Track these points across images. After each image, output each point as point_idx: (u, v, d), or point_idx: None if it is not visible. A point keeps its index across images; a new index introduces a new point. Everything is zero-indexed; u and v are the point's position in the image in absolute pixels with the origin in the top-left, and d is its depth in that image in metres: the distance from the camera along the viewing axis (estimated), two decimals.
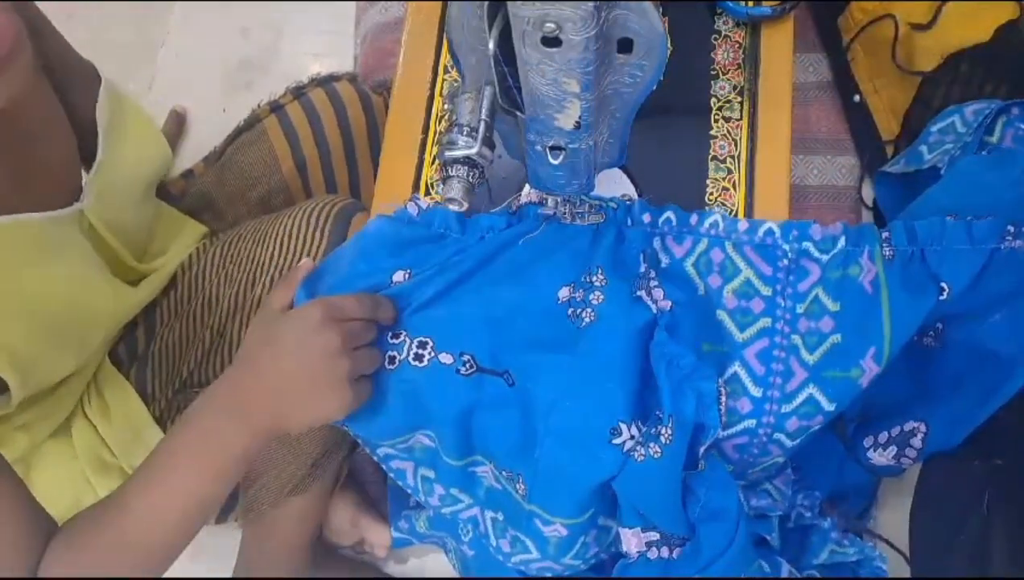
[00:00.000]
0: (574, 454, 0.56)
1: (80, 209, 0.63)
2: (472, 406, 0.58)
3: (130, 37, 1.26)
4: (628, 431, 0.56)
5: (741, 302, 0.61)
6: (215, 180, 0.86)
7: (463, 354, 0.59)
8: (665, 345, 0.57)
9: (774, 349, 0.60)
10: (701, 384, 0.57)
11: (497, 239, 0.62)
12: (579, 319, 0.60)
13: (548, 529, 0.58)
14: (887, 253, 0.59)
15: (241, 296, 0.73)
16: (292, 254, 0.71)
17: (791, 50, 0.68)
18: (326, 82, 0.87)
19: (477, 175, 0.52)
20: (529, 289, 0.61)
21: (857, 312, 0.59)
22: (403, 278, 0.61)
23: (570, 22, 0.39)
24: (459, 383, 0.58)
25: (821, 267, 0.60)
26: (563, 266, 0.61)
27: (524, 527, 0.59)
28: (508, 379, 0.59)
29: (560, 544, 0.59)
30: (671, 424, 0.55)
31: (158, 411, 0.72)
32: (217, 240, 0.78)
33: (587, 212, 0.63)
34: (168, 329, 0.75)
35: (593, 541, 0.60)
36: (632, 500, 0.57)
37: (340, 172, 0.88)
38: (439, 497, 0.65)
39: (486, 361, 0.59)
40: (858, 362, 0.58)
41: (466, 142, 0.49)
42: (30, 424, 0.66)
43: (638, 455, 0.55)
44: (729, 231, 0.62)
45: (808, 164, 0.95)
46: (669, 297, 0.60)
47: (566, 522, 0.58)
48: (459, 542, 0.71)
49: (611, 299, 0.59)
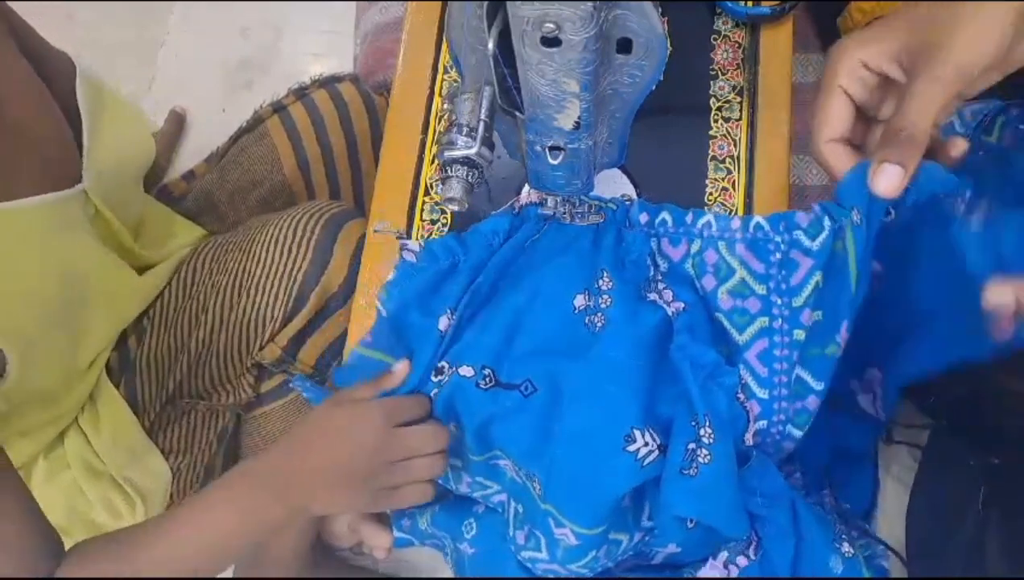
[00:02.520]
0: (587, 460, 0.56)
1: (83, 190, 0.63)
2: (491, 417, 0.59)
3: (130, 37, 1.26)
4: (642, 438, 0.56)
5: (737, 302, 0.61)
6: (217, 180, 0.86)
7: (484, 367, 0.60)
8: (687, 346, 0.58)
9: (775, 349, 0.60)
10: (724, 379, 0.58)
11: (507, 251, 0.62)
12: (593, 325, 0.60)
13: (559, 531, 0.58)
14: (856, 218, 0.55)
15: (227, 307, 0.72)
16: (274, 264, 0.71)
17: (790, 50, 0.68)
18: (328, 83, 0.87)
19: (477, 175, 0.52)
20: (545, 299, 0.61)
21: (834, 288, 0.58)
22: (448, 322, 0.61)
23: (569, 22, 0.39)
24: (478, 396, 0.59)
25: (813, 256, 0.60)
26: (574, 273, 0.62)
27: (540, 524, 0.60)
28: (526, 389, 0.60)
29: (568, 551, 0.59)
30: (708, 424, 0.55)
31: (148, 422, 0.72)
32: (210, 245, 0.78)
33: (587, 212, 0.63)
34: (156, 338, 0.74)
35: (604, 555, 0.60)
36: (697, 515, 0.56)
37: (343, 173, 0.88)
38: (467, 484, 0.65)
39: (505, 374, 0.60)
40: (834, 338, 0.57)
41: (465, 142, 0.49)
42: (33, 430, 0.66)
43: (692, 471, 0.55)
44: (722, 230, 0.62)
45: (808, 164, 0.95)
46: (679, 298, 0.60)
47: (577, 530, 0.57)
48: (459, 540, 0.71)
49: (618, 302, 0.59)
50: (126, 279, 0.69)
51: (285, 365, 0.76)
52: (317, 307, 0.72)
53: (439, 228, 0.68)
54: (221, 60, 1.22)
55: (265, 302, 0.71)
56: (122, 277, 0.68)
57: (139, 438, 0.71)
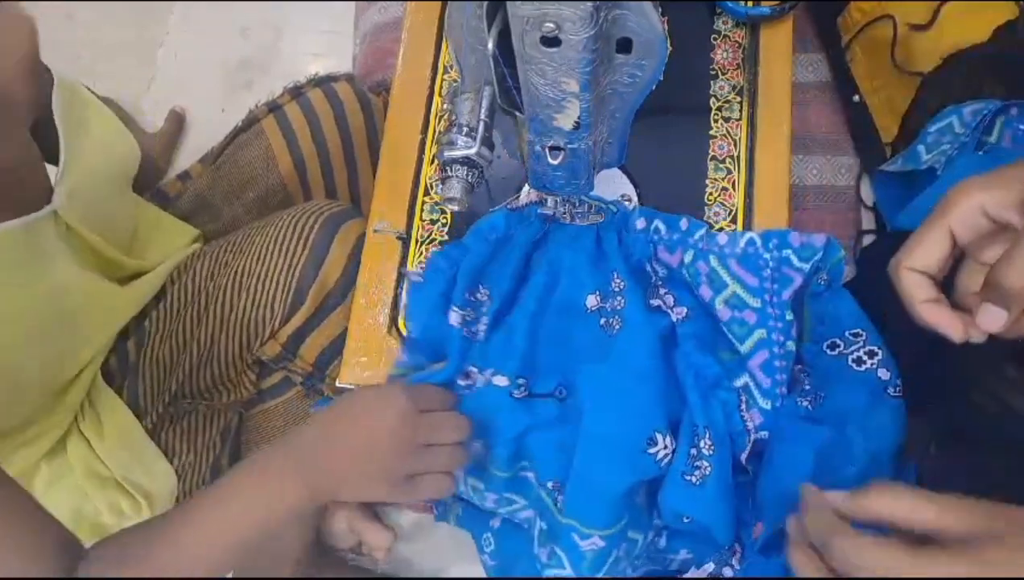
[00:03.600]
0: (610, 463, 0.57)
1: (53, 211, 0.61)
2: (527, 427, 0.59)
3: (130, 37, 1.26)
4: (663, 441, 0.56)
5: (735, 313, 0.61)
6: (212, 180, 0.86)
7: (519, 378, 0.60)
8: (692, 355, 0.58)
9: (775, 360, 0.60)
10: (722, 394, 0.58)
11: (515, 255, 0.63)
12: (610, 327, 0.60)
13: (586, 543, 0.58)
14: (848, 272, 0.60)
15: (228, 306, 0.72)
16: (272, 265, 0.71)
17: (790, 50, 0.68)
18: (324, 82, 0.87)
19: (476, 175, 0.52)
20: (560, 303, 0.61)
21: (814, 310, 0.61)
22: (460, 319, 0.62)
23: (569, 22, 0.39)
24: (514, 406, 0.59)
25: (803, 275, 0.60)
26: (585, 274, 0.62)
27: (563, 540, 0.60)
28: (560, 394, 0.60)
29: (596, 558, 0.59)
30: (708, 436, 0.56)
31: (150, 423, 0.72)
32: (209, 247, 0.77)
33: (587, 212, 0.63)
34: (158, 340, 0.74)
35: (624, 555, 0.60)
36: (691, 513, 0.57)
37: (339, 172, 0.88)
38: (494, 501, 0.65)
39: (538, 386, 0.60)
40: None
41: (465, 142, 0.50)
42: (31, 440, 0.66)
43: (695, 479, 0.56)
44: (711, 244, 0.62)
45: (807, 164, 0.95)
46: (681, 303, 0.60)
47: (603, 533, 0.58)
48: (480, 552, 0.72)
49: (631, 304, 0.60)
50: (109, 294, 0.68)
51: (285, 362, 0.76)
52: (316, 303, 0.72)
53: (439, 228, 0.68)
54: (221, 60, 1.22)
55: (265, 300, 0.71)
56: (104, 292, 0.67)
57: (142, 441, 0.71)
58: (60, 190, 0.62)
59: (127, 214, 0.75)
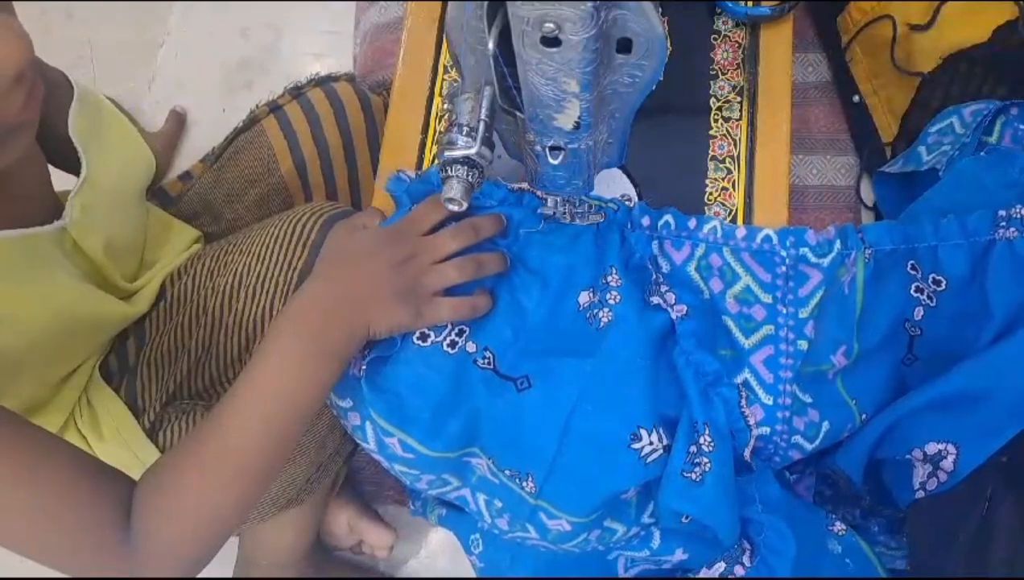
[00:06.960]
0: (593, 457, 0.57)
1: (62, 227, 0.60)
2: (483, 406, 0.59)
3: (130, 37, 1.26)
4: (648, 437, 0.56)
5: (743, 308, 0.61)
6: (213, 181, 0.86)
7: (487, 349, 0.59)
8: (691, 352, 0.58)
9: (780, 357, 0.60)
10: (723, 390, 0.58)
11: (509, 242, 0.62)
12: (597, 320, 0.60)
13: (553, 523, 0.59)
14: (867, 254, 0.60)
15: (226, 307, 0.72)
16: (272, 265, 0.71)
17: (790, 50, 0.68)
18: (324, 82, 0.87)
19: (477, 175, 0.52)
20: (550, 299, 0.61)
21: (832, 310, 0.60)
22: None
23: (569, 22, 0.39)
24: (475, 375, 0.59)
25: (822, 271, 0.61)
26: (578, 272, 0.62)
27: (531, 519, 0.60)
28: (521, 384, 0.59)
29: (561, 535, 0.59)
30: (708, 432, 0.56)
31: (148, 423, 0.72)
32: (209, 247, 0.77)
33: (587, 212, 0.63)
34: (157, 340, 0.74)
35: (596, 539, 0.61)
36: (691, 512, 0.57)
37: (340, 172, 0.88)
38: (427, 482, 0.65)
39: (504, 365, 0.60)
40: (829, 358, 0.58)
41: (465, 142, 0.49)
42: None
43: (695, 476, 0.56)
44: (727, 237, 0.62)
45: (807, 164, 0.95)
46: (681, 301, 0.60)
47: (573, 520, 0.58)
48: (468, 553, 0.72)
49: (626, 299, 0.60)
50: (109, 309, 0.68)
51: None
52: None
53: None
54: (221, 60, 1.22)
55: (265, 299, 0.71)
56: (105, 306, 0.67)
57: (140, 440, 0.71)
58: (74, 206, 0.61)
59: (140, 225, 0.75)
